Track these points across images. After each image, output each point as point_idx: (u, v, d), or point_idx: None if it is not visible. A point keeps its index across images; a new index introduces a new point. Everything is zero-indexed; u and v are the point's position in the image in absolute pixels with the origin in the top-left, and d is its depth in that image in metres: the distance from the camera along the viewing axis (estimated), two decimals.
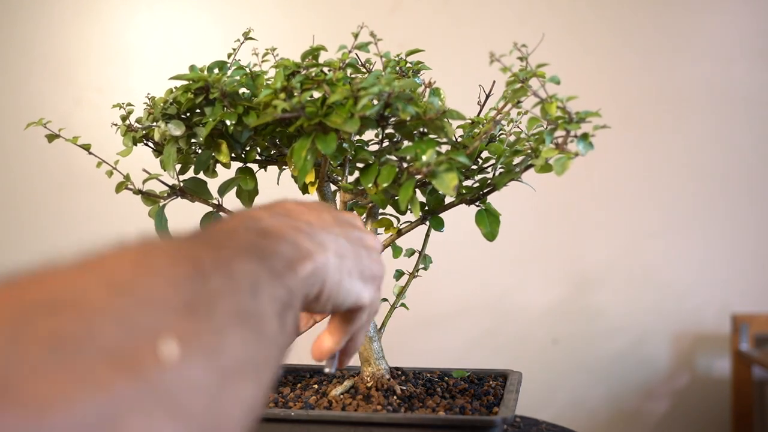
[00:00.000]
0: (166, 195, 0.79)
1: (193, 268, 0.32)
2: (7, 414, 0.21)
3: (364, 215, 0.81)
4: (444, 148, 0.73)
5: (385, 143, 0.77)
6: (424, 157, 0.60)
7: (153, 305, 0.28)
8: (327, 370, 0.54)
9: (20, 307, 0.25)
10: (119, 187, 0.78)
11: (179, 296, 0.30)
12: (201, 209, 0.78)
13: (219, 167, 0.78)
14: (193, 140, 0.76)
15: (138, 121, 0.78)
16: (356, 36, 0.74)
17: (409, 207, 0.67)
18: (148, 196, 0.79)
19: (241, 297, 0.33)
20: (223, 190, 0.79)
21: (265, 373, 0.34)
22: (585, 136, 0.63)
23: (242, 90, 0.75)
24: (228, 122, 0.73)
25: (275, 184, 0.84)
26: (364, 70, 0.77)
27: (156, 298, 0.29)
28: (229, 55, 0.77)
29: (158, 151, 0.78)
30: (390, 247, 0.81)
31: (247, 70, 0.75)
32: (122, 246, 0.32)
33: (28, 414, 0.22)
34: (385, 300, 0.84)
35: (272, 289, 0.36)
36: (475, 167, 0.75)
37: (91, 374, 0.24)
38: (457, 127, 0.75)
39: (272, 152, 0.79)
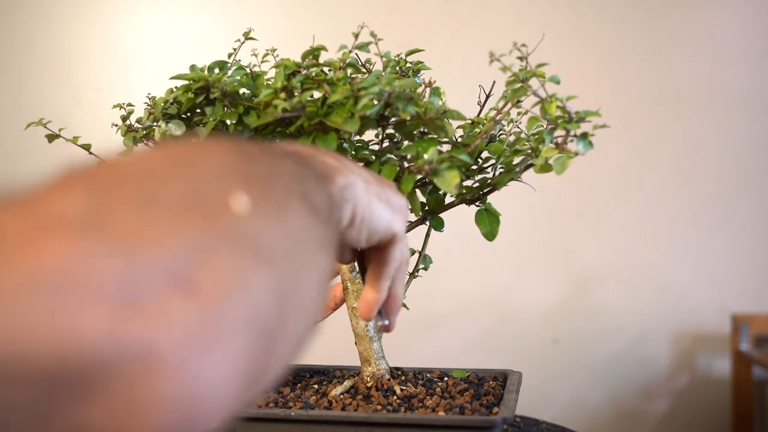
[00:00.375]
0: None
1: (244, 156, 0.32)
2: (101, 250, 0.22)
3: None
4: (444, 148, 0.73)
5: (386, 143, 0.77)
6: (425, 155, 0.60)
7: (217, 174, 0.29)
8: (379, 324, 0.54)
9: (98, 176, 0.26)
10: None
11: (239, 170, 0.30)
12: None
13: None
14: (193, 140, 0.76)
15: (138, 121, 0.78)
16: (356, 36, 0.74)
17: (409, 207, 0.67)
18: None
19: (294, 181, 0.33)
20: None
21: (325, 252, 0.33)
22: (585, 136, 0.63)
23: (243, 90, 0.75)
24: (228, 122, 0.73)
25: None
26: (364, 70, 0.77)
27: (218, 170, 0.29)
28: (229, 55, 0.77)
29: None
30: None
31: (248, 70, 0.75)
32: (176, 142, 0.33)
33: (119, 248, 0.22)
34: None
35: (317, 187, 0.36)
36: (475, 167, 0.75)
37: (178, 219, 0.25)
38: (458, 127, 0.75)
39: None
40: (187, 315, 0.23)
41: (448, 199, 0.76)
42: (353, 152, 0.72)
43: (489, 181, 0.75)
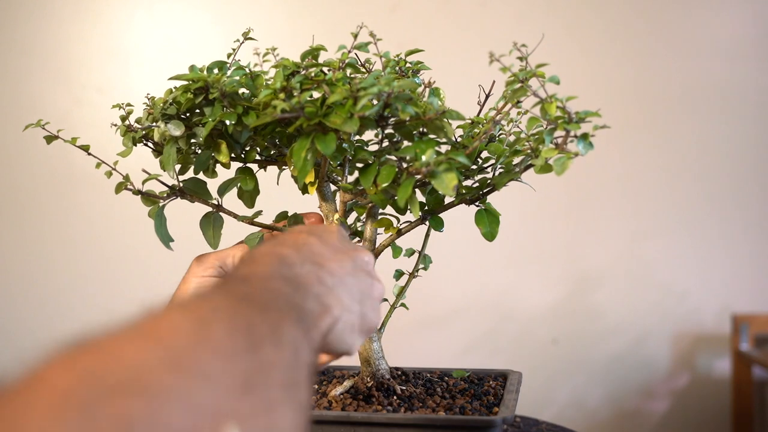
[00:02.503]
0: (165, 195, 0.79)
1: (248, 338, 0.33)
2: None
3: (364, 215, 0.81)
4: (444, 148, 0.73)
5: (385, 143, 0.77)
6: (423, 157, 0.60)
7: (213, 385, 0.29)
8: None
9: (89, 388, 0.26)
10: (119, 188, 0.78)
11: (237, 373, 0.31)
12: (201, 209, 0.78)
13: (219, 167, 0.78)
14: (192, 140, 0.76)
15: (138, 121, 0.78)
16: (356, 36, 0.74)
17: (408, 207, 0.67)
18: (148, 197, 0.79)
19: (288, 368, 0.35)
20: (222, 190, 0.79)
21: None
22: (585, 136, 0.63)
23: (242, 90, 0.75)
24: (227, 122, 0.73)
25: (275, 184, 0.84)
26: (363, 70, 0.77)
27: (215, 377, 0.30)
28: (228, 55, 0.77)
29: (158, 151, 0.78)
30: (390, 247, 0.81)
31: (247, 70, 0.75)
32: (178, 309, 0.33)
33: None
34: (385, 300, 0.84)
35: (306, 354, 0.39)
36: (474, 167, 0.75)
37: None
38: (457, 127, 0.75)
39: (272, 152, 0.79)
40: None
41: (448, 199, 0.76)
42: (353, 152, 0.72)
43: (489, 181, 0.75)
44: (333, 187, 0.79)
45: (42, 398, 0.25)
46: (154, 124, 0.75)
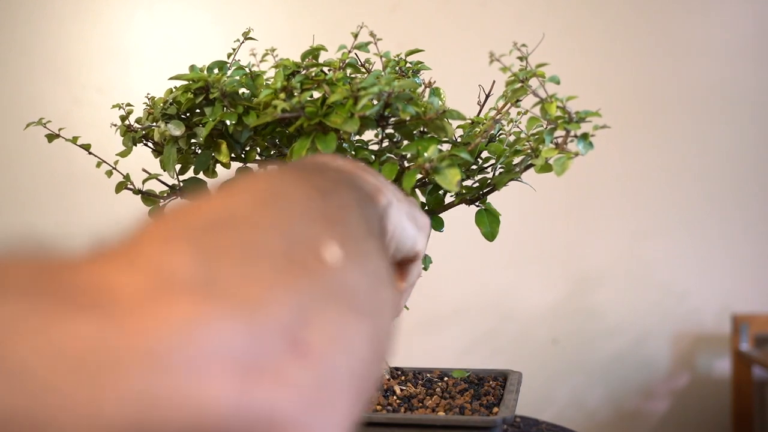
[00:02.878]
0: (165, 195, 0.79)
1: (316, 189, 0.33)
2: (220, 315, 0.22)
3: None
4: (444, 148, 0.73)
5: (386, 143, 0.77)
6: (426, 154, 0.60)
7: (304, 219, 0.30)
8: None
9: (193, 226, 0.26)
10: (119, 188, 0.78)
11: (321, 212, 0.31)
12: None
13: (219, 167, 0.78)
14: (192, 140, 0.76)
15: (138, 121, 0.78)
16: (356, 36, 0.74)
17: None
18: (148, 196, 0.79)
19: (359, 214, 0.35)
20: None
21: (391, 287, 0.35)
22: (585, 136, 0.63)
23: (242, 90, 0.75)
24: (228, 122, 0.73)
25: None
26: (364, 69, 0.77)
27: (304, 214, 0.30)
28: (228, 55, 0.77)
29: (158, 151, 0.78)
30: None
31: (247, 70, 0.75)
32: (253, 175, 0.34)
33: (237, 313, 0.23)
34: None
35: (372, 214, 0.38)
36: (475, 167, 0.75)
37: (282, 275, 0.26)
38: (457, 127, 0.75)
39: (272, 152, 0.79)
40: (303, 377, 0.24)
41: (448, 199, 0.76)
42: (353, 152, 0.72)
43: (489, 181, 0.75)
44: None
45: (148, 237, 0.25)
46: (154, 124, 0.75)
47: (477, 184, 0.75)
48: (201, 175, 0.79)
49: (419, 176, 0.63)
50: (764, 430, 1.81)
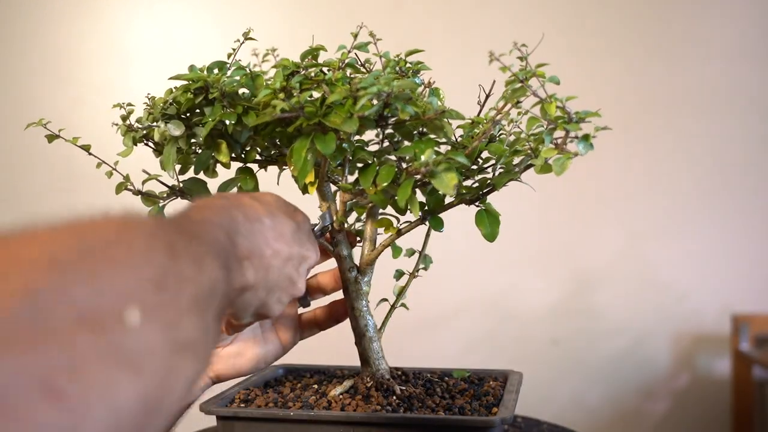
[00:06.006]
0: (165, 195, 0.79)
1: (168, 250, 0.35)
2: None
3: (364, 215, 0.81)
4: (444, 148, 0.73)
5: (386, 143, 0.77)
6: (422, 157, 0.60)
7: (123, 273, 0.31)
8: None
9: (4, 262, 0.29)
10: (119, 188, 0.78)
11: (149, 270, 0.33)
12: None
13: (219, 167, 0.78)
14: (192, 140, 0.76)
15: (138, 121, 0.78)
16: (355, 36, 0.74)
17: (408, 207, 0.67)
18: (148, 197, 0.79)
19: (203, 289, 0.37)
20: (222, 190, 0.79)
21: (203, 360, 0.37)
22: (586, 137, 0.63)
23: (242, 90, 0.75)
24: (227, 122, 0.73)
25: (275, 184, 0.84)
26: (363, 69, 0.77)
27: (127, 267, 0.32)
28: (228, 56, 0.77)
29: (159, 151, 0.78)
30: (390, 247, 0.81)
31: (247, 70, 0.75)
32: (106, 216, 0.35)
33: (5, 357, 0.25)
34: (385, 300, 0.84)
35: (222, 299, 0.41)
36: (475, 167, 0.74)
37: (65, 330, 0.27)
38: (457, 127, 0.75)
39: (272, 152, 0.79)
40: (53, 420, 0.26)
41: (448, 199, 0.76)
42: (352, 153, 0.72)
43: (489, 181, 0.75)
44: (333, 187, 0.79)
45: None
46: (155, 124, 0.75)
47: (477, 185, 0.75)
48: (201, 175, 0.79)
49: (418, 177, 0.63)
50: (764, 430, 1.81)
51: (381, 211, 0.79)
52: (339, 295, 0.81)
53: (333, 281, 0.80)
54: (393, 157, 0.68)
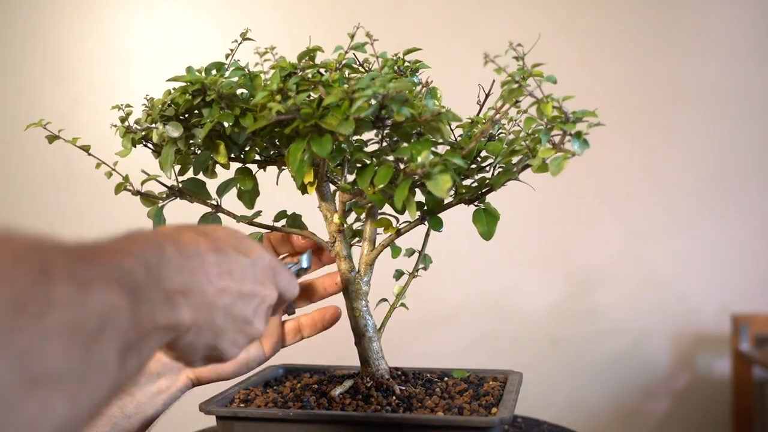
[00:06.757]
0: (165, 196, 0.79)
1: (39, 270, 0.32)
2: None
3: (364, 215, 0.81)
4: (442, 149, 0.73)
5: (384, 143, 0.77)
6: (419, 159, 0.60)
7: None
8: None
9: None
10: (118, 188, 0.78)
11: (11, 291, 0.30)
12: (200, 210, 0.78)
13: (218, 167, 0.78)
14: (191, 141, 0.76)
15: (137, 122, 0.78)
16: (352, 36, 0.74)
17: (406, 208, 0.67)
18: (147, 197, 0.79)
19: (85, 316, 0.33)
20: (221, 190, 0.79)
21: (84, 394, 0.33)
22: (578, 135, 0.63)
23: (240, 90, 0.75)
24: (225, 124, 0.73)
25: (275, 184, 0.84)
26: (362, 70, 0.77)
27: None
28: (226, 56, 0.77)
29: (158, 152, 0.78)
30: (390, 247, 0.81)
31: (246, 71, 0.75)
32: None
33: None
34: (385, 300, 0.84)
35: (131, 331, 0.37)
36: (474, 167, 0.75)
37: None
38: (457, 126, 0.75)
39: (271, 152, 0.79)
40: None
41: (448, 199, 0.76)
42: (350, 153, 0.72)
43: (487, 181, 0.75)
44: (332, 187, 0.79)
45: None
46: (153, 125, 0.75)
47: (476, 184, 0.75)
48: (200, 176, 0.79)
49: (415, 178, 0.63)
50: (764, 430, 1.81)
51: (380, 210, 0.79)
52: (326, 302, 0.82)
53: (333, 284, 0.80)
54: (391, 158, 0.68)
